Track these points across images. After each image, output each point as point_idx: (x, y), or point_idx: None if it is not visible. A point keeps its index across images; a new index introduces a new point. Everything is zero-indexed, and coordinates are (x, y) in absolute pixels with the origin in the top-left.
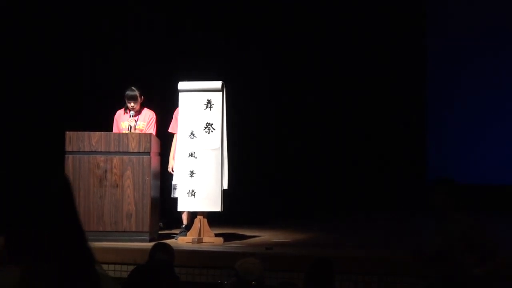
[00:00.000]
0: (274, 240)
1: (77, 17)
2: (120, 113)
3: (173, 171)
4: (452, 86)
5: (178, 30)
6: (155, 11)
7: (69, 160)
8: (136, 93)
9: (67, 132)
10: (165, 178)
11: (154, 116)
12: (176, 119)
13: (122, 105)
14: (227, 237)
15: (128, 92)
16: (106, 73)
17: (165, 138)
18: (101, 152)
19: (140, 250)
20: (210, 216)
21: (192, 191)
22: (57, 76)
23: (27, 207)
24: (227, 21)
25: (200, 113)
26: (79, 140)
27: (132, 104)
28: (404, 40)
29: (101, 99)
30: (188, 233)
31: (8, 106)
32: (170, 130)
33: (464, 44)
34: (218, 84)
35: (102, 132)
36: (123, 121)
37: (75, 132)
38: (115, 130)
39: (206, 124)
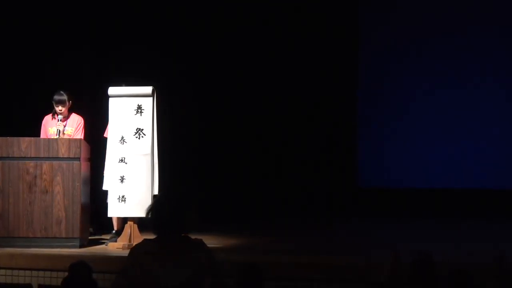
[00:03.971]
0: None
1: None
2: (48, 118)
3: None
4: (381, 88)
5: (108, 36)
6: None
7: None
8: (65, 97)
9: None
10: (95, 183)
11: (82, 121)
12: None
13: (51, 110)
14: None
15: (56, 96)
16: (36, 79)
17: (93, 144)
18: (30, 158)
19: (71, 257)
20: (141, 222)
21: (123, 196)
22: None
23: None
24: (155, 29)
25: (131, 118)
26: (8, 146)
27: (60, 108)
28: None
29: (30, 105)
30: (118, 239)
31: None
32: (105, 135)
33: (397, 46)
34: (148, 89)
35: (32, 138)
36: (51, 126)
37: (4, 138)
38: (43, 135)
39: (137, 129)
